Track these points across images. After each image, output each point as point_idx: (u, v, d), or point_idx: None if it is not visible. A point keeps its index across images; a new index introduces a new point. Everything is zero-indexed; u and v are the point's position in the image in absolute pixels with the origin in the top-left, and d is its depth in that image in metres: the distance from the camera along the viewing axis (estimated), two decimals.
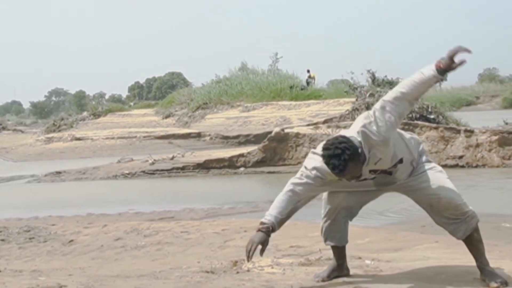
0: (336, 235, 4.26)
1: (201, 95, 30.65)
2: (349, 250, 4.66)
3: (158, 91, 65.88)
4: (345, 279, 4.22)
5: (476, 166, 13.71)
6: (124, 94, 76.02)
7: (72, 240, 6.67)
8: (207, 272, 4.65)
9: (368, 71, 22.52)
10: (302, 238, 6.12)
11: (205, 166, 15.08)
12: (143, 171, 15.09)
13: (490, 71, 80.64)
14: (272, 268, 4.72)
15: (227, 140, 23.32)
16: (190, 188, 12.76)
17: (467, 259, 4.13)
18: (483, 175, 12.44)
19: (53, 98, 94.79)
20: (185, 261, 5.33)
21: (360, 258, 4.89)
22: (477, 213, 3.77)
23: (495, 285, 3.82)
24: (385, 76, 22.64)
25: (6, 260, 5.94)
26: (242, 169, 14.95)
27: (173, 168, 15.13)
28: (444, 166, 13.91)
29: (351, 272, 4.41)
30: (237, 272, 4.61)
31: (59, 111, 59.76)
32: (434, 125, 15.69)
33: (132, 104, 48.98)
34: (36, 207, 10.53)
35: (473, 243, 3.94)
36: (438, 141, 14.46)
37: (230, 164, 15.10)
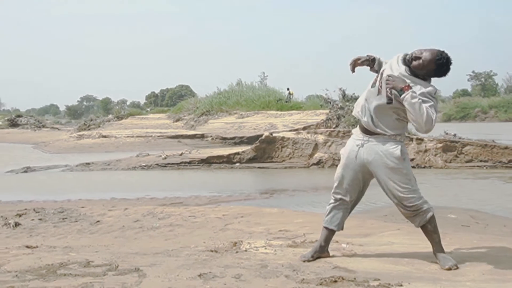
0: (334, 222, 4.21)
1: (205, 104, 31.05)
2: None
3: (170, 100, 65.97)
4: (326, 259, 4.14)
5: (424, 167, 13.80)
6: (142, 101, 76.03)
7: (98, 221, 6.55)
8: (211, 251, 4.55)
9: (340, 88, 22.66)
10: (289, 224, 6.04)
11: (208, 161, 15.09)
12: (157, 164, 15.06)
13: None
14: (266, 249, 4.61)
15: (225, 140, 23.49)
16: (195, 179, 12.70)
17: (425, 244, 4.13)
18: (430, 175, 12.46)
19: (84, 103, 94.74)
20: (192, 241, 5.24)
21: (337, 241, 4.78)
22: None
23: (447, 266, 3.78)
24: (353, 93, 22.73)
25: (43, 237, 5.83)
26: (237, 164, 14.99)
27: (181, 162, 15.12)
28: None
29: (330, 254, 4.31)
30: (237, 252, 4.50)
31: (89, 113, 59.63)
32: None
33: (148, 109, 49.14)
34: (68, 191, 10.37)
35: (428, 232, 3.95)
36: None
37: (228, 160, 15.15)
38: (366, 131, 4.02)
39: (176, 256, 4.35)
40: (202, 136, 24.71)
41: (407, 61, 3.82)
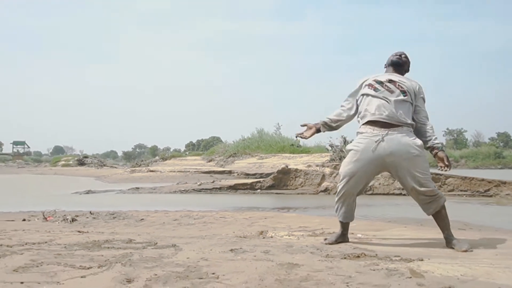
0: (348, 215, 3.81)
1: (232, 148, 31.16)
2: None
3: (204, 148, 65.90)
4: (347, 243, 3.57)
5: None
6: (182, 148, 75.82)
7: (142, 219, 6.08)
8: (240, 237, 4.01)
9: (342, 136, 22.45)
10: (307, 223, 5.53)
11: (234, 188, 14.63)
12: (193, 189, 14.61)
13: None
14: (289, 236, 4.06)
15: (248, 176, 23.03)
16: (224, 199, 12.18)
17: (434, 236, 3.83)
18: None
19: (137, 150, 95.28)
20: (223, 232, 4.72)
21: (352, 233, 4.20)
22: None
23: (464, 248, 3.26)
24: (352, 139, 22.46)
25: (94, 227, 5.36)
26: (259, 190, 14.49)
27: (213, 188, 14.67)
28: (392, 194, 13.36)
29: (350, 240, 3.75)
30: (263, 238, 3.97)
31: (141, 157, 59.60)
32: None
33: (187, 153, 48.86)
34: (120, 205, 9.89)
35: (441, 217, 3.56)
36: (388, 178, 13.86)
37: (251, 187, 14.68)
38: (385, 126, 3.58)
39: (209, 239, 3.85)
40: (230, 172, 24.36)
41: (399, 64, 3.89)
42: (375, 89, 3.66)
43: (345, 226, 3.76)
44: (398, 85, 3.63)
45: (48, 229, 4.62)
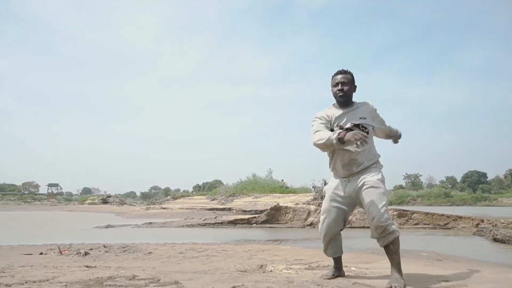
0: (336, 249, 3.19)
1: (231, 189, 30.74)
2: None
3: (208, 189, 65.04)
4: (344, 278, 2.93)
5: None
6: (190, 189, 74.48)
7: (151, 252, 5.34)
8: (241, 271, 3.37)
9: (323, 179, 22.02)
10: (302, 255, 4.85)
11: (234, 222, 13.89)
12: (199, 224, 13.81)
13: None
14: (288, 270, 3.41)
15: (245, 212, 22.26)
16: (225, 233, 11.41)
17: (423, 269, 3.00)
18: None
19: (153, 190, 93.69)
20: (225, 265, 4.03)
21: (346, 266, 3.57)
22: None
23: (392, 285, 2.67)
24: None
25: (104, 261, 4.62)
26: (254, 224, 13.75)
27: (215, 223, 13.89)
28: (367, 227, 12.72)
29: (346, 274, 3.11)
30: (263, 272, 3.32)
31: (155, 197, 58.43)
32: None
33: (194, 193, 47.86)
34: (134, 238, 9.14)
35: (390, 252, 2.92)
36: (364, 214, 13.21)
37: (248, 222, 13.97)
38: (351, 175, 3.10)
39: (212, 274, 3.19)
40: (230, 209, 23.57)
41: (346, 102, 3.20)
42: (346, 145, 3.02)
43: (337, 260, 3.19)
44: (362, 128, 3.07)
45: (57, 264, 3.97)
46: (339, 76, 3.13)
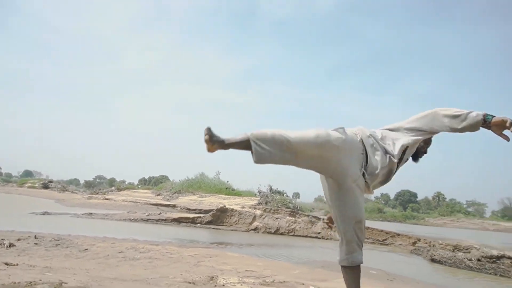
0: None
1: (178, 186, 29.79)
2: (292, 277, 3.04)
3: (154, 183, 63.05)
4: None
5: (327, 239, 12.33)
6: (136, 182, 71.84)
7: (86, 249, 4.63)
8: (190, 283, 2.84)
9: (269, 185, 21.92)
10: (252, 266, 4.37)
11: (178, 220, 13.22)
12: (142, 219, 13.00)
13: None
14: (241, 285, 2.94)
15: (189, 210, 21.55)
16: (169, 231, 10.74)
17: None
18: (333, 244, 11.00)
19: (98, 180, 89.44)
20: (170, 272, 3.48)
21: (303, 284, 3.17)
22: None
23: None
24: (277, 188, 21.92)
25: (30, 257, 3.89)
26: (199, 224, 13.16)
27: (159, 219, 13.14)
28: (310, 237, 12.54)
29: None
30: (215, 286, 2.82)
31: (99, 187, 55.81)
32: (307, 213, 14.72)
33: (139, 186, 46.15)
34: (71, 230, 8.27)
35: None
36: (307, 223, 13.13)
37: (192, 221, 13.36)
38: None
39: (156, 285, 2.66)
40: (174, 206, 22.69)
41: None
42: None
43: None
44: None
45: None
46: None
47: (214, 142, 2.05)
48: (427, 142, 2.42)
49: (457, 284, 5.77)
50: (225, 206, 14.24)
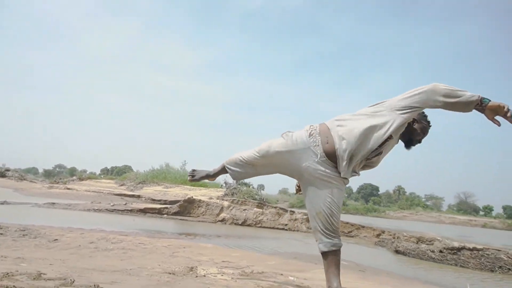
0: None
1: (142, 176, 29.32)
2: (269, 268, 3.08)
3: (116, 174, 61.54)
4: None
5: (294, 231, 12.54)
6: (98, 172, 69.73)
7: (56, 239, 4.48)
8: (169, 273, 2.82)
9: None
10: (228, 256, 4.39)
11: (144, 211, 12.95)
12: (106, 209, 12.67)
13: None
14: (222, 276, 2.94)
15: (154, 201, 21.19)
16: (135, 221, 10.55)
17: (361, 285, 2.73)
18: (299, 235, 11.21)
19: (57, 169, 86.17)
20: (147, 263, 3.42)
21: (282, 274, 3.22)
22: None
23: None
24: (243, 180, 22.24)
25: None
26: (165, 215, 12.98)
27: (125, 209, 12.83)
28: (277, 229, 12.68)
29: (283, 287, 2.76)
30: (196, 276, 2.81)
31: (59, 176, 53.86)
32: (274, 205, 14.92)
33: (102, 176, 44.89)
34: (35, 220, 7.96)
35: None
36: (275, 215, 13.29)
37: (159, 212, 13.14)
38: None
39: (136, 275, 2.61)
40: (139, 196, 22.21)
41: None
42: None
43: None
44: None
45: None
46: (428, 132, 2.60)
47: (199, 180, 2.85)
48: (424, 132, 2.49)
49: (422, 274, 6.02)
50: (192, 197, 14.11)
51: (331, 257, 2.44)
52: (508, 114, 2.10)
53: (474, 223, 47.99)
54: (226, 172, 2.76)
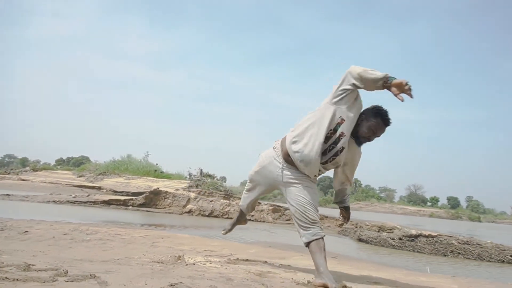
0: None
1: (102, 167, 28.23)
2: (252, 256, 3.15)
3: (73, 165, 59.19)
4: (281, 276, 2.63)
5: (260, 221, 12.66)
6: (52, 163, 66.76)
7: (27, 231, 4.26)
8: (158, 262, 2.80)
9: (199, 168, 21.85)
10: (209, 246, 4.40)
11: (108, 203, 12.61)
12: (68, 201, 12.21)
13: None
14: (211, 263, 2.96)
15: (116, 193, 20.57)
16: (100, 213, 10.24)
17: (340, 269, 2.83)
18: (265, 226, 11.34)
19: (6, 159, 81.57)
20: (131, 253, 3.37)
21: (266, 261, 3.29)
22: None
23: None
24: (207, 171, 21.96)
25: None
26: (130, 207, 12.73)
27: (88, 201, 12.43)
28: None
29: (277, 271, 2.83)
30: (186, 265, 2.81)
31: (10, 167, 51.07)
32: (241, 196, 15.03)
33: (58, 167, 42.97)
34: None
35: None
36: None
37: (124, 203, 12.86)
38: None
39: (127, 264, 2.57)
40: (100, 188, 21.48)
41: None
42: None
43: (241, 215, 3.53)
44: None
45: None
46: (383, 130, 2.65)
47: (232, 230, 3.37)
48: (373, 130, 2.60)
49: (387, 259, 6.29)
50: (158, 188, 13.88)
51: (314, 246, 2.62)
52: (406, 87, 2.28)
53: (423, 213, 50.56)
54: (244, 214, 3.42)
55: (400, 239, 8.48)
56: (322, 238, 2.64)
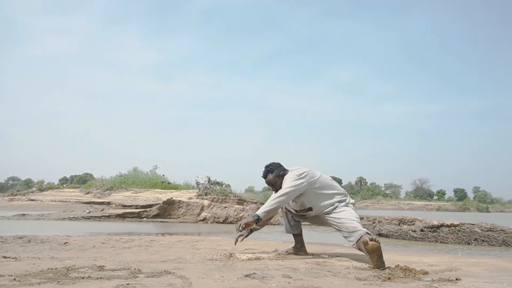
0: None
1: (109, 182, 28.12)
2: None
3: (77, 182, 59.17)
4: (342, 264, 2.63)
5: (275, 224, 12.54)
6: (56, 182, 66.48)
7: (66, 243, 4.25)
8: (211, 260, 2.83)
9: (207, 176, 21.84)
10: (247, 245, 4.36)
11: (123, 216, 12.63)
12: (83, 217, 12.21)
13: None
14: (264, 259, 2.97)
15: (125, 207, 20.49)
16: (117, 226, 10.27)
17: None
18: (280, 228, 11.23)
19: (10, 182, 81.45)
20: (180, 255, 3.37)
21: (313, 254, 3.30)
22: None
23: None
24: (215, 179, 21.97)
25: (14, 253, 3.48)
26: (145, 219, 12.69)
27: (102, 216, 12.46)
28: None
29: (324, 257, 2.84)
30: (242, 260, 2.84)
31: (15, 189, 50.89)
32: (254, 200, 14.95)
33: (64, 186, 42.91)
34: (19, 231, 7.51)
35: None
36: (255, 210, 13.36)
37: (138, 215, 12.84)
38: None
39: (189, 263, 2.59)
40: (109, 203, 21.44)
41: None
42: None
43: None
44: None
45: None
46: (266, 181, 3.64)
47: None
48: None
49: (416, 249, 6.29)
50: (172, 198, 13.88)
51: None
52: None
53: (430, 207, 50.46)
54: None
55: (422, 230, 8.46)
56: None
